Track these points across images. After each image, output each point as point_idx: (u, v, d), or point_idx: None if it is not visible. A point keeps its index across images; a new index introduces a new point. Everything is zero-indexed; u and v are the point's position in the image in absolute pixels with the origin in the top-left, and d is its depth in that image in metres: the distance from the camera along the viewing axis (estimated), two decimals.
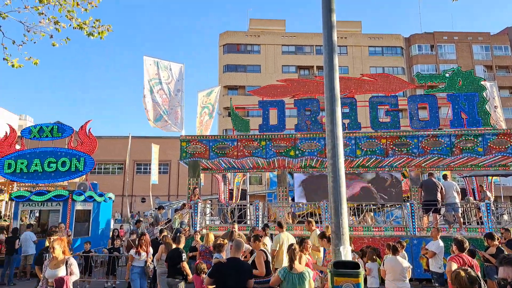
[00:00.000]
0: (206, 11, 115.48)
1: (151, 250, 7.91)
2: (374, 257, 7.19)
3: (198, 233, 9.66)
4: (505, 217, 11.68)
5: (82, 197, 12.56)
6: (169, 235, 8.26)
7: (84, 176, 13.83)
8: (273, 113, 12.54)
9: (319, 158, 12.25)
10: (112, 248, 10.52)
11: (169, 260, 6.82)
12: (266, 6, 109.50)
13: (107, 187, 25.70)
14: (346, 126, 12.06)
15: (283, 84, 13.41)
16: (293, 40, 45.40)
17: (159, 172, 26.58)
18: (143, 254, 7.68)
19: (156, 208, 14.86)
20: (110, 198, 14.38)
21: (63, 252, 5.19)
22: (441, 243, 7.70)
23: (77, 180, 13.94)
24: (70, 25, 6.41)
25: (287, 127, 12.40)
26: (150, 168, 25.51)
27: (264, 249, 6.08)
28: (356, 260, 5.49)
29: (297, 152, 11.84)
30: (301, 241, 6.40)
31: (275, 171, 15.59)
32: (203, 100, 16.04)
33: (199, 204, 11.11)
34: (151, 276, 8.47)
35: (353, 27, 47.49)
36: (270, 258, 6.19)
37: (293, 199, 15.77)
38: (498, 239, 6.94)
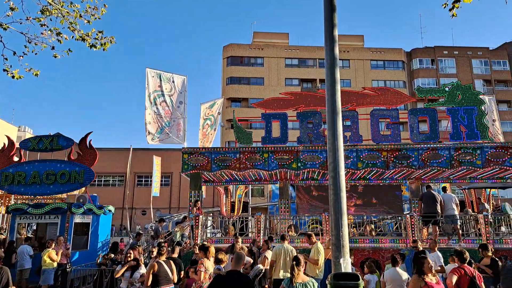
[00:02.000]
0: (209, 23, 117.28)
1: (141, 266, 7.06)
2: (373, 268, 7.16)
3: (197, 246, 9.57)
4: (503, 228, 11.63)
5: (81, 210, 12.50)
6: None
7: (84, 189, 13.79)
8: (276, 125, 12.63)
9: (321, 171, 12.26)
10: (113, 261, 10.43)
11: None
12: (269, 19, 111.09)
13: (107, 199, 25.63)
14: (348, 139, 12.12)
15: (286, 97, 13.54)
16: (296, 53, 45.90)
17: (160, 185, 26.54)
18: (127, 274, 6.79)
19: (156, 221, 14.79)
20: (110, 211, 14.32)
21: None
22: (439, 255, 7.69)
23: (76, 192, 13.90)
24: (73, 36, 6.45)
25: (290, 140, 12.47)
26: (151, 181, 25.48)
27: (161, 261, 6.10)
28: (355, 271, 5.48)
29: (299, 165, 11.87)
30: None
31: (277, 183, 15.58)
32: (205, 112, 16.17)
33: (200, 216, 11.08)
34: None
35: (355, 41, 48.07)
36: (166, 270, 6.18)
37: None
38: (491, 250, 6.93)
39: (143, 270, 6.85)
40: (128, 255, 6.97)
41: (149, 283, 5.90)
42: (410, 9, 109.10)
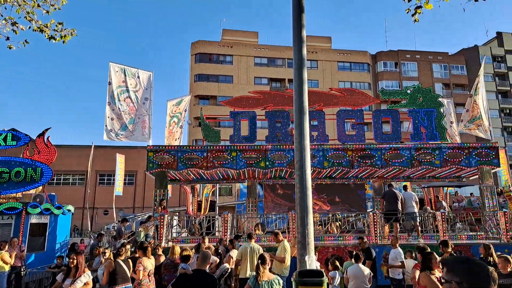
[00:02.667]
0: (178, 19, 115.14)
1: (85, 273, 5.97)
2: (336, 265, 7.35)
3: (160, 247, 9.36)
4: (458, 225, 12.30)
5: (38, 210, 11.89)
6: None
7: (41, 188, 13.12)
8: (245, 124, 12.58)
9: (288, 169, 12.36)
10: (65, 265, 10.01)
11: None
12: (239, 17, 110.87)
13: (67, 199, 24.60)
14: (315, 138, 12.29)
15: (255, 95, 13.52)
16: (266, 53, 46.10)
17: (124, 183, 25.78)
18: (67, 282, 5.94)
19: (119, 221, 14.32)
20: (69, 210, 13.71)
21: None
22: (400, 251, 8.01)
23: (32, 191, 13.19)
24: (30, 27, 6.12)
25: (258, 138, 12.46)
26: (114, 179, 24.66)
27: (118, 261, 6.33)
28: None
29: (267, 163, 11.90)
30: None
31: (245, 182, 15.55)
32: (172, 109, 15.83)
33: (166, 216, 10.84)
34: None
35: (323, 42, 49.04)
36: (124, 269, 6.36)
37: None
38: (451, 246, 7.28)
39: (86, 278, 5.96)
40: (71, 260, 6.07)
41: (105, 281, 5.95)
42: (376, 13, 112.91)
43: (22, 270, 10.13)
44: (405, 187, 12.65)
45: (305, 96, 5.95)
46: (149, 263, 6.72)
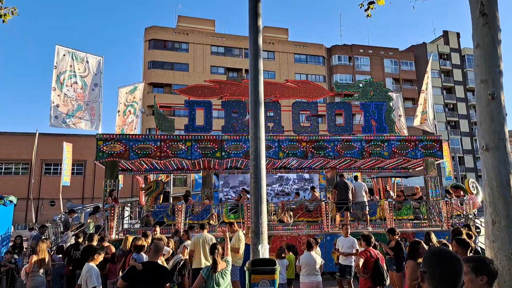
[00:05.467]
0: (130, 1, 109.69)
1: None
2: (283, 255, 7.61)
3: (106, 239, 9.05)
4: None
5: None
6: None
7: None
8: (200, 113, 12.36)
9: (244, 160, 12.39)
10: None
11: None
12: (195, 4, 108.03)
13: (9, 189, 22.92)
14: (271, 129, 12.39)
15: (211, 85, 13.31)
16: (223, 41, 45.45)
17: (72, 173, 24.45)
18: None
19: (66, 212, 13.61)
20: (11, 201, 12.79)
21: None
22: (355, 239, 8.38)
23: None
24: None
25: (214, 129, 12.32)
26: (61, 169, 23.32)
27: None
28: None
29: (223, 154, 11.83)
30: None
31: (200, 173, 15.38)
32: (127, 98, 15.22)
33: (116, 207, 10.45)
34: None
35: (280, 34, 49.32)
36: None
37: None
38: (398, 233, 7.71)
39: None
40: None
41: None
42: (331, 6, 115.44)
43: None
44: (356, 178, 13.20)
45: (261, 87, 5.97)
46: None
